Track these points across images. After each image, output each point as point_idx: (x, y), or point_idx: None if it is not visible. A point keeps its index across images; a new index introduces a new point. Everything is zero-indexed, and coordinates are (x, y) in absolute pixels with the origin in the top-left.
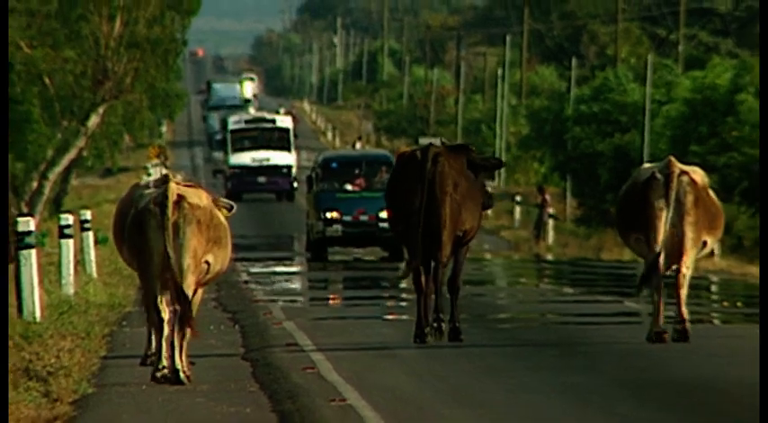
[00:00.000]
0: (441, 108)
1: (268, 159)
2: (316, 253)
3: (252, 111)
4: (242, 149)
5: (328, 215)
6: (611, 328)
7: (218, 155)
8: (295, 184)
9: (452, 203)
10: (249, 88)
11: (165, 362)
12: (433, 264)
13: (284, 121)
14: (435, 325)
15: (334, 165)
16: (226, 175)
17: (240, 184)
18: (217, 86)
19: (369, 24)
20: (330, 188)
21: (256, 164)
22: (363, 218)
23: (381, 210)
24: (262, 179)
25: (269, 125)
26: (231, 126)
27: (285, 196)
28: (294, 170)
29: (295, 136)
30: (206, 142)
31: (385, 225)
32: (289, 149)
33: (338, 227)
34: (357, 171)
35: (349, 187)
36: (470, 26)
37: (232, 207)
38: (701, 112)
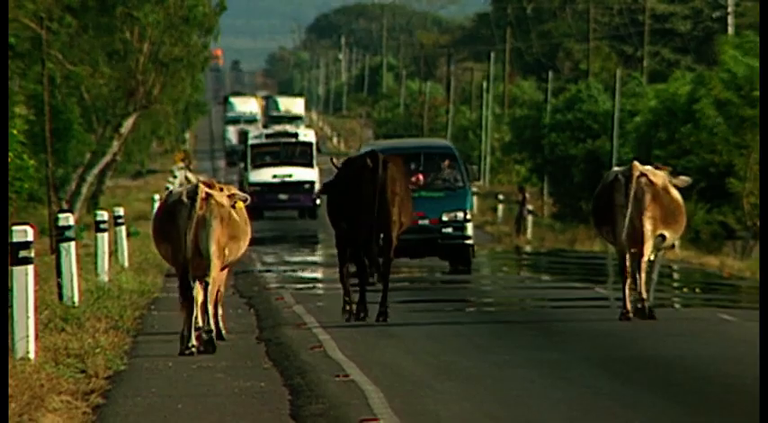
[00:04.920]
0: (433, 117)
1: (290, 175)
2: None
3: (302, 127)
4: (262, 165)
5: None
6: (582, 311)
7: (242, 166)
8: (318, 201)
9: (400, 203)
10: (300, 104)
11: (194, 341)
12: (381, 259)
13: (307, 135)
14: (383, 309)
15: None
16: (246, 192)
17: (260, 202)
18: (234, 101)
19: (369, 43)
20: None
21: (278, 180)
22: (423, 222)
23: (445, 212)
24: (283, 196)
25: (291, 139)
26: (251, 141)
27: (308, 214)
28: (317, 186)
29: (318, 150)
30: (224, 153)
31: (449, 230)
32: (311, 165)
33: None
34: (413, 166)
35: None
36: (459, 44)
37: (247, 199)
38: (663, 120)
